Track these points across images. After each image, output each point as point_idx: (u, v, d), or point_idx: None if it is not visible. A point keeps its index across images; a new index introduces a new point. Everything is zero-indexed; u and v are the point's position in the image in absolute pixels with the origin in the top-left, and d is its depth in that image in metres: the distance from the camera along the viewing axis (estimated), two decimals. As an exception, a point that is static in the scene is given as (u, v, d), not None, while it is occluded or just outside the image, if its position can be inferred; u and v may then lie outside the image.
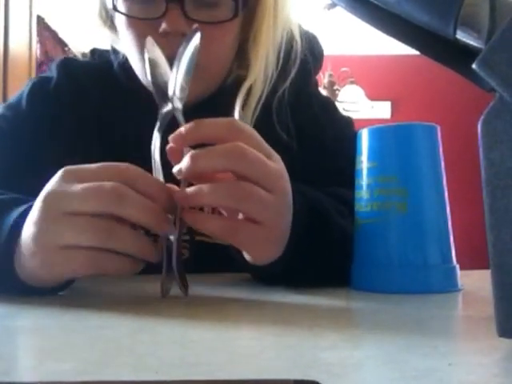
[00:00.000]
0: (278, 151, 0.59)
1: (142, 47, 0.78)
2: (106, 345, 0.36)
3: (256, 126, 0.80)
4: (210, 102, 0.84)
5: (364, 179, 0.62)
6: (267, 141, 0.58)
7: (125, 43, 0.82)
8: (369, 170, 0.61)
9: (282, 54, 0.85)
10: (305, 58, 0.90)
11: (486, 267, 0.33)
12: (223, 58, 0.82)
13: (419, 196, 0.59)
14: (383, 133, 0.62)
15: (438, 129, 0.62)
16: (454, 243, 0.61)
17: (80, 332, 0.40)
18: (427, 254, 0.59)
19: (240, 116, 0.80)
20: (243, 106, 0.82)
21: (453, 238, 0.61)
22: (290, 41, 0.87)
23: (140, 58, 0.79)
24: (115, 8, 0.77)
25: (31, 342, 0.37)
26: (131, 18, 0.77)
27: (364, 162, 0.62)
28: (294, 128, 0.88)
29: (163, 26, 0.73)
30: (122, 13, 0.77)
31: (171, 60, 0.67)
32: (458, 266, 0.61)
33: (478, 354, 0.33)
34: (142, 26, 0.76)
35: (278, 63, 0.85)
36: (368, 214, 0.61)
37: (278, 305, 0.53)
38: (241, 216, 0.56)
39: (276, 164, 0.56)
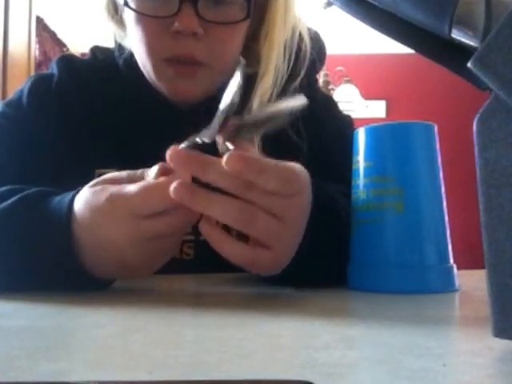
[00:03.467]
0: (287, 152, 0.59)
1: (151, 45, 0.77)
2: (100, 345, 0.35)
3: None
4: (214, 100, 0.84)
5: (360, 179, 0.61)
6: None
7: (133, 40, 0.81)
8: (365, 169, 0.61)
9: (292, 54, 0.85)
10: (311, 56, 0.90)
11: (482, 267, 0.33)
12: (232, 57, 0.82)
13: (416, 196, 0.59)
14: (379, 132, 0.62)
15: (435, 127, 0.62)
16: (451, 243, 0.61)
17: (74, 332, 0.40)
18: (424, 253, 0.59)
19: (258, 114, 0.79)
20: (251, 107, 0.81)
21: (450, 238, 0.61)
22: (299, 40, 0.87)
23: (148, 56, 0.79)
24: (126, 3, 0.76)
25: (25, 341, 0.37)
26: (142, 15, 0.76)
27: (360, 161, 0.62)
28: (305, 131, 0.88)
29: (176, 25, 0.73)
30: (133, 9, 0.76)
31: (182, 58, 0.70)
32: (455, 266, 0.60)
33: (473, 354, 0.32)
34: (153, 24, 0.76)
35: (289, 63, 0.85)
36: (364, 214, 0.61)
37: (272, 304, 0.53)
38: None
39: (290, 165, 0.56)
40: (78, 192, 0.59)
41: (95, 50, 0.93)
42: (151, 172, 0.57)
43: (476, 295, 0.58)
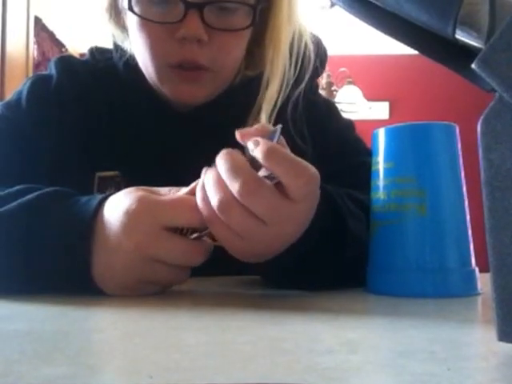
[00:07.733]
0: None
1: (155, 51, 0.77)
2: (101, 349, 0.35)
3: None
4: (218, 102, 0.84)
5: (380, 180, 0.61)
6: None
7: (136, 44, 0.80)
8: (385, 170, 0.60)
9: (299, 60, 0.85)
10: (314, 61, 0.90)
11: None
12: (236, 63, 0.82)
13: (438, 197, 0.58)
14: (400, 132, 0.61)
15: (457, 128, 0.61)
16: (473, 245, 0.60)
17: (74, 336, 0.40)
18: (445, 256, 0.58)
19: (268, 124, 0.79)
20: (258, 112, 0.81)
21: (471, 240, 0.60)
22: (303, 46, 0.87)
23: (152, 61, 0.78)
24: (131, 8, 0.76)
25: (25, 345, 0.36)
26: (146, 21, 0.76)
27: (380, 162, 0.61)
28: (308, 135, 0.88)
29: (182, 31, 0.73)
30: (138, 15, 0.76)
31: (186, 64, 0.72)
32: (477, 269, 0.59)
33: (478, 358, 0.32)
34: (158, 30, 0.76)
35: (295, 68, 0.85)
36: (385, 216, 0.60)
37: (275, 308, 0.53)
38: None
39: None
40: (106, 197, 0.59)
41: (94, 50, 0.93)
42: (184, 189, 0.58)
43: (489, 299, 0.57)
